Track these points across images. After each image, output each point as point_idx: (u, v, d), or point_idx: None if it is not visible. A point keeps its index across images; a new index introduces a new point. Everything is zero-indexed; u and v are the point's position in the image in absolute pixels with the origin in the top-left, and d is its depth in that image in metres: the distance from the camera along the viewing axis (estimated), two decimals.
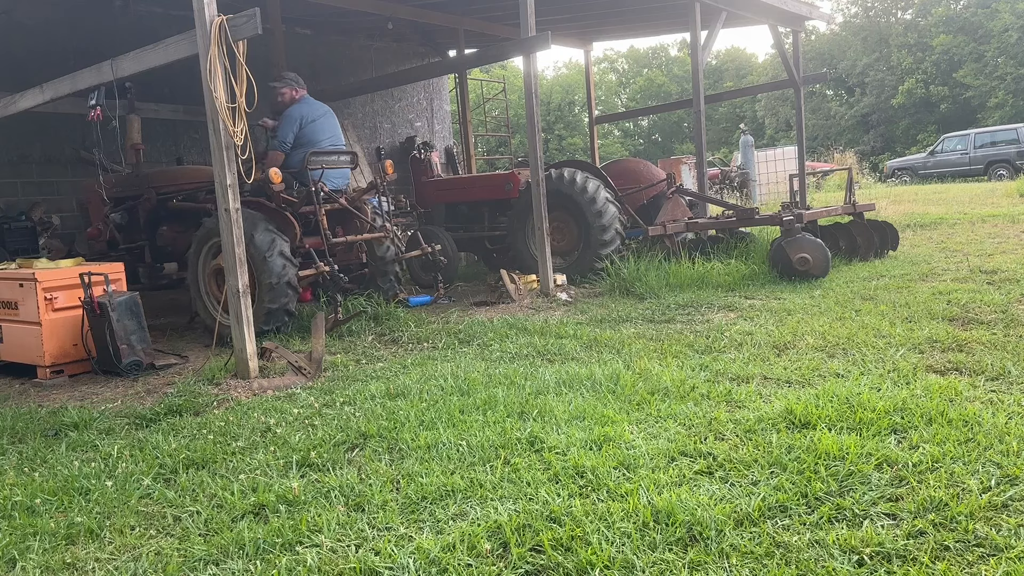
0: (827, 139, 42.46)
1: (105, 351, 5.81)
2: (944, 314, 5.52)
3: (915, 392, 3.76)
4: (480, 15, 12.68)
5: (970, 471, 2.84)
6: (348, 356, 5.90)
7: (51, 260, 6.54)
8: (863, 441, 3.15)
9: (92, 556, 2.78)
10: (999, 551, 2.32)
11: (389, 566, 2.48)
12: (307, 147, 7.14)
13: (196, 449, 3.79)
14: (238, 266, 5.41)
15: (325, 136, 7.42)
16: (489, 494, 2.96)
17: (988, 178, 24.44)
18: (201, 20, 5.26)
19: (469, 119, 15.26)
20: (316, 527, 2.80)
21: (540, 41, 7.72)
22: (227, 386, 5.19)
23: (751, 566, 2.34)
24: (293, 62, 11.21)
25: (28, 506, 3.24)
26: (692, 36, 10.00)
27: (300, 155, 7.08)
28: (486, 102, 21.55)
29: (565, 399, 4.12)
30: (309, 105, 7.42)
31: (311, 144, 7.20)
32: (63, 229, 10.89)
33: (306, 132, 7.25)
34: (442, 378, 4.78)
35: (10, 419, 4.69)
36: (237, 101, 5.27)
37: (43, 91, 6.89)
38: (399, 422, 3.92)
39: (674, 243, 8.88)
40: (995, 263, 7.67)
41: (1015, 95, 36.24)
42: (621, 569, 2.37)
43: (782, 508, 2.68)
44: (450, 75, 16.30)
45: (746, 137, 20.17)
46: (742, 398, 3.93)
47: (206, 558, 2.67)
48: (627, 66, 64.30)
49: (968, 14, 40.04)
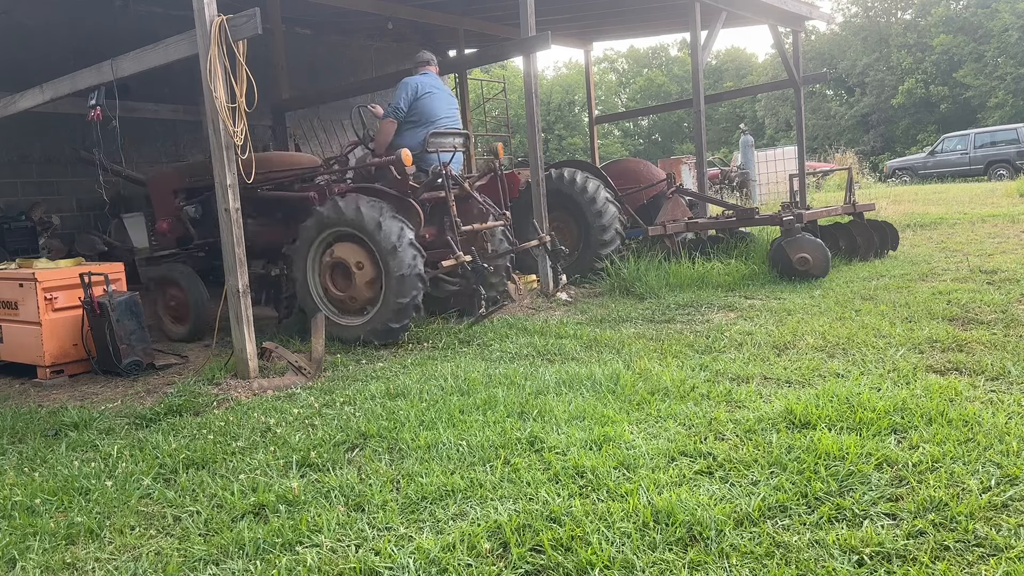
0: (827, 139, 42.45)
1: (105, 351, 5.81)
2: (944, 314, 5.52)
3: (915, 392, 3.76)
4: (480, 15, 12.68)
5: (970, 471, 2.84)
6: (348, 356, 5.90)
7: (51, 260, 6.54)
8: (863, 441, 3.15)
9: (92, 556, 2.78)
10: (999, 551, 2.32)
11: (389, 566, 2.48)
12: (424, 125, 6.69)
13: (196, 449, 3.79)
14: (238, 266, 5.41)
15: (443, 114, 6.87)
16: (489, 494, 2.96)
17: (988, 178, 24.43)
18: (201, 20, 5.26)
19: (469, 119, 15.26)
20: (316, 527, 2.80)
21: (540, 41, 7.72)
22: (227, 386, 5.19)
23: (751, 566, 2.34)
24: (293, 62, 11.23)
25: (28, 506, 3.24)
26: (692, 36, 10.00)
27: (419, 135, 6.65)
28: (486, 102, 21.55)
29: (565, 399, 4.12)
30: (428, 77, 6.94)
31: (427, 120, 6.72)
32: (63, 229, 10.90)
33: (422, 104, 6.73)
34: (442, 378, 4.78)
35: (10, 419, 4.69)
36: (237, 101, 5.27)
37: (43, 91, 6.89)
38: (399, 422, 3.92)
39: (674, 243, 8.88)
40: (995, 263, 7.67)
41: (1015, 95, 36.23)
42: (621, 569, 2.37)
43: (782, 508, 2.68)
44: (450, 75, 16.29)
45: (746, 137, 20.17)
46: (742, 398, 3.93)
47: (206, 558, 2.67)
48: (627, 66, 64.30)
49: (968, 14, 40.03)
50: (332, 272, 6.36)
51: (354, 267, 6.19)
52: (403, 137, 6.69)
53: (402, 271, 5.94)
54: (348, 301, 6.32)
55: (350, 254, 6.23)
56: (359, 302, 6.28)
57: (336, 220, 6.24)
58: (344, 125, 14.34)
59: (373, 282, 6.17)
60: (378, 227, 5.97)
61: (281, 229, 7.19)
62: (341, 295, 6.33)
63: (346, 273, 6.27)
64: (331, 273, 6.37)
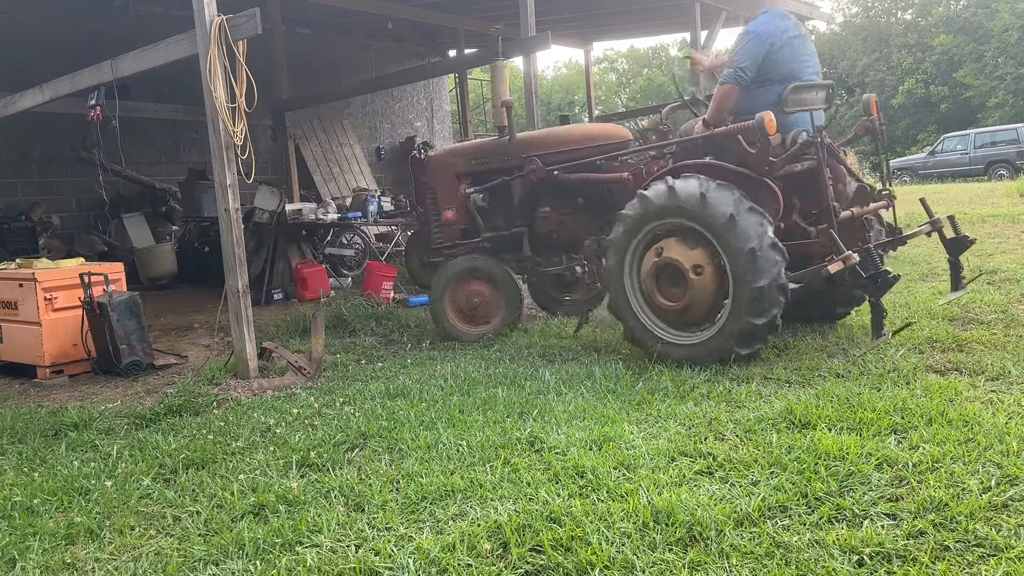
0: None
1: (105, 351, 5.81)
2: (944, 314, 5.52)
3: (915, 392, 3.76)
4: (480, 15, 12.69)
5: (970, 471, 2.84)
6: (348, 356, 5.89)
7: (51, 260, 6.54)
8: (863, 441, 3.15)
9: (92, 556, 2.78)
10: (999, 551, 2.32)
11: (389, 566, 2.48)
12: (779, 82, 4.94)
13: (196, 449, 3.79)
14: (238, 266, 5.41)
15: (808, 68, 5.12)
16: (489, 494, 2.96)
17: (988, 178, 24.42)
18: (201, 20, 5.26)
19: (469, 119, 15.27)
20: (316, 527, 2.80)
21: (540, 41, 7.72)
22: (227, 386, 5.19)
23: (751, 566, 2.34)
24: (293, 62, 11.22)
25: (28, 506, 3.24)
26: (692, 36, 10.02)
27: (770, 94, 4.90)
28: (486, 102, 21.54)
29: (565, 399, 4.12)
30: (777, 18, 5.05)
31: (784, 77, 4.95)
32: (63, 229, 10.90)
33: (777, 58, 4.95)
34: (442, 378, 4.78)
35: (10, 419, 4.69)
36: (237, 101, 5.27)
37: (43, 91, 6.89)
38: (399, 422, 3.92)
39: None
40: (995, 263, 7.66)
41: (1015, 95, 36.21)
42: (621, 569, 2.37)
43: (782, 508, 2.68)
44: (450, 75, 16.31)
45: None
46: (742, 398, 3.92)
47: (206, 558, 2.67)
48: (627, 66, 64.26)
49: (968, 14, 40.03)
50: (658, 276, 4.87)
51: (691, 272, 4.67)
52: (749, 98, 4.94)
53: (760, 282, 4.42)
54: (679, 314, 4.82)
55: (684, 255, 4.72)
56: (692, 315, 4.81)
57: (668, 209, 4.74)
58: (344, 125, 14.36)
59: (714, 291, 4.70)
60: (731, 222, 4.46)
61: (583, 218, 5.96)
62: (670, 305, 4.81)
63: (675, 278, 4.78)
64: (656, 277, 4.88)
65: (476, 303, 6.17)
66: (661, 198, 4.75)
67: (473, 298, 6.17)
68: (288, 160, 11.32)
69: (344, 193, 13.11)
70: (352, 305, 7.22)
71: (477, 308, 6.18)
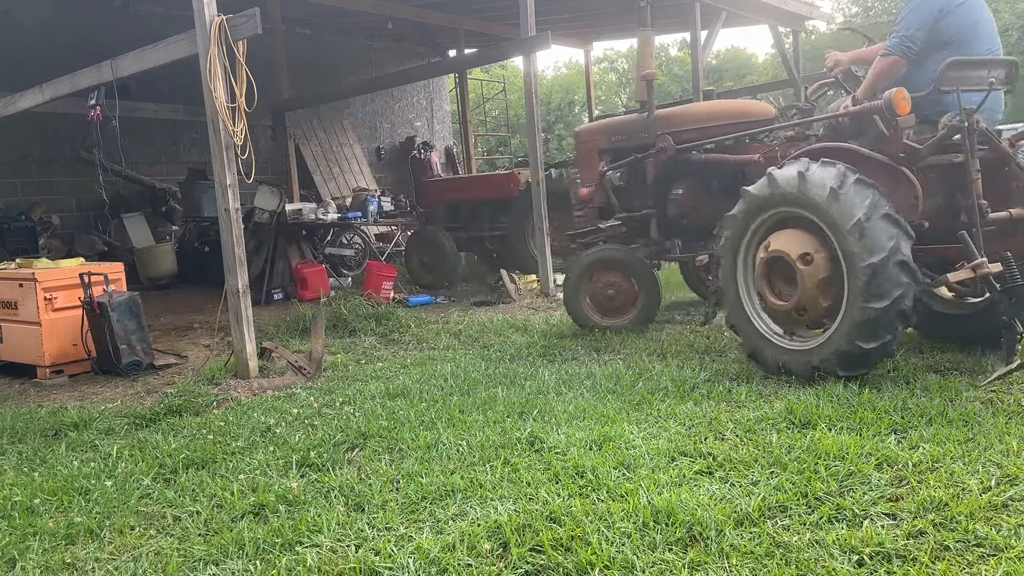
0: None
1: (105, 351, 5.81)
2: None
3: (915, 392, 3.76)
4: (480, 15, 12.70)
5: (970, 471, 2.84)
6: (348, 356, 5.89)
7: (51, 260, 6.54)
8: (863, 441, 3.15)
9: (92, 556, 2.78)
10: (999, 551, 2.32)
11: (389, 566, 2.48)
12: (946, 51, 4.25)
13: (196, 449, 3.79)
14: (238, 266, 5.41)
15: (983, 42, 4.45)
16: (489, 494, 2.96)
17: None
18: (201, 20, 5.26)
19: (469, 119, 15.28)
20: (316, 527, 2.80)
21: (540, 41, 7.72)
22: (227, 386, 5.19)
23: (751, 566, 2.34)
24: (293, 62, 11.23)
25: (28, 506, 3.24)
26: (692, 36, 10.01)
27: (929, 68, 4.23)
28: (486, 102, 21.55)
29: (565, 399, 4.12)
30: None
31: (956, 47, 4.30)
32: (63, 229, 10.91)
33: (945, 28, 4.31)
34: (442, 378, 4.78)
35: (10, 419, 4.69)
36: (237, 101, 5.27)
37: (43, 91, 6.89)
38: (399, 422, 3.92)
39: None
40: None
41: (1015, 95, 36.24)
42: (621, 569, 2.37)
43: (782, 508, 2.68)
44: (450, 75, 16.32)
45: None
46: (742, 398, 3.93)
47: (206, 558, 2.67)
48: (627, 66, 64.25)
49: None
50: (769, 272, 4.37)
51: (798, 262, 4.15)
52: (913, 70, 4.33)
53: (872, 258, 3.84)
54: (793, 314, 4.28)
55: (792, 244, 4.22)
56: (811, 314, 4.24)
57: (772, 198, 4.29)
58: (344, 125, 14.36)
59: (829, 283, 4.12)
60: (832, 196, 3.97)
61: (717, 204, 5.46)
62: (782, 305, 4.29)
63: (787, 273, 4.27)
64: (768, 274, 4.37)
65: (611, 294, 5.96)
66: (763, 188, 4.33)
67: (608, 289, 5.96)
68: (288, 160, 11.33)
69: (344, 193, 13.12)
70: (352, 305, 7.21)
71: (613, 299, 5.97)
